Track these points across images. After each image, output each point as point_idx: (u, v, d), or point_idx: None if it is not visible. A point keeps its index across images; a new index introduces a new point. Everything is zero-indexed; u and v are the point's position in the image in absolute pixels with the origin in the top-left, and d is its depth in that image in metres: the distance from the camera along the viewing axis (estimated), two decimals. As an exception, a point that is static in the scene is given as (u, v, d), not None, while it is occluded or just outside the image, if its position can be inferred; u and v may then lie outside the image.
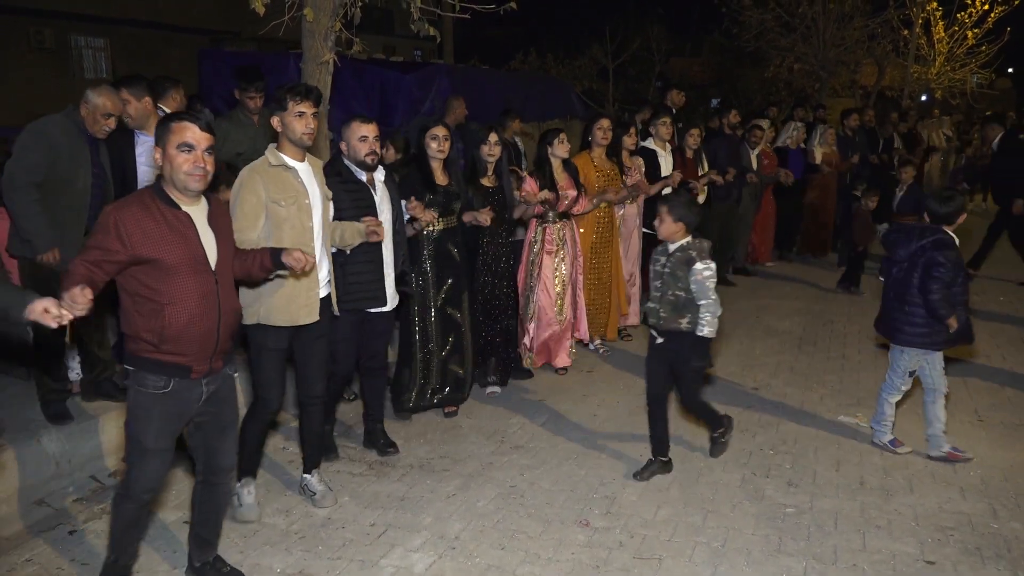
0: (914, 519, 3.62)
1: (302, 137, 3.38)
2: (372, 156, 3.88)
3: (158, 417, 2.74)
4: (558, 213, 5.37)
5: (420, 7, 5.24)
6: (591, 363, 5.78)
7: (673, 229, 3.89)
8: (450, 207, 4.59)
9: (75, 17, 16.77)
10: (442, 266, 4.58)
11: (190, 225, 2.74)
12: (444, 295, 4.62)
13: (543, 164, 5.39)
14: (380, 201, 3.99)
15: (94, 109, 3.96)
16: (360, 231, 3.74)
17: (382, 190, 4.03)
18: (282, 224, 3.36)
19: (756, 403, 5.04)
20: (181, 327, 2.69)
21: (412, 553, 3.34)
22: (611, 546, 3.39)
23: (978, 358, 5.91)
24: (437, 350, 4.66)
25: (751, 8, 15.43)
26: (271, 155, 3.42)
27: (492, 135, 4.94)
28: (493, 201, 4.91)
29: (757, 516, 3.65)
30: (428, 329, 4.62)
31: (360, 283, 3.93)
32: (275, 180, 3.37)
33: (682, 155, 6.82)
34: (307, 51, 5.10)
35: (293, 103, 3.35)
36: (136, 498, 2.81)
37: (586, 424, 4.71)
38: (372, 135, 3.86)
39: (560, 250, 5.42)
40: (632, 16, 20.99)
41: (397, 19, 25.27)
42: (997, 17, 16.08)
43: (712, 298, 3.83)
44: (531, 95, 12.57)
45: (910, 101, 16.82)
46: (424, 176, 4.48)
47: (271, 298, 3.39)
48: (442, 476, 4.04)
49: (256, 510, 3.62)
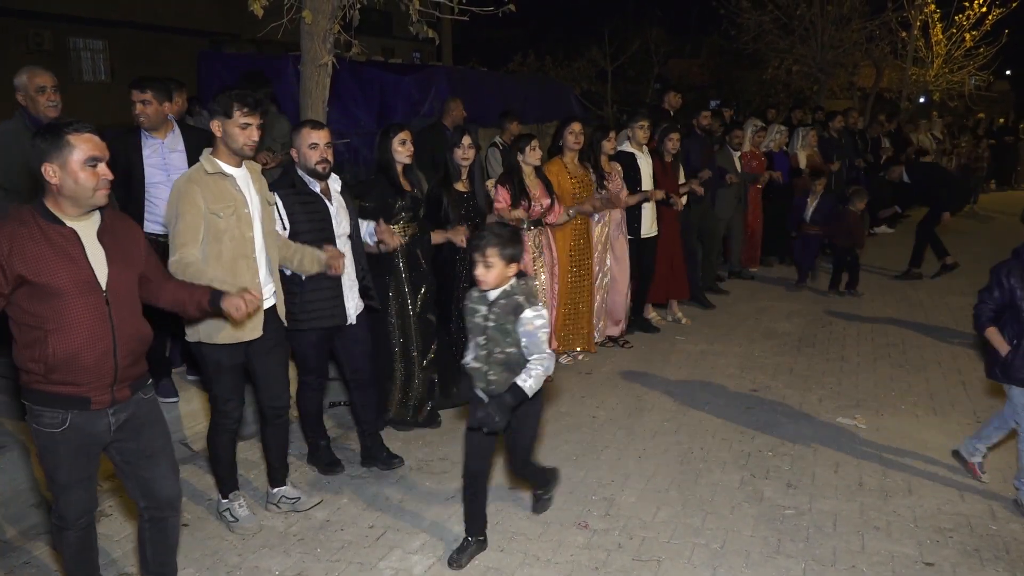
0: (913, 520, 3.62)
1: (243, 148, 3.25)
2: (323, 164, 3.72)
3: (64, 453, 2.55)
4: (532, 220, 5.25)
5: (419, 9, 5.24)
6: (590, 365, 5.78)
7: (506, 274, 3.08)
8: (416, 213, 4.48)
9: (74, 19, 16.77)
10: (414, 272, 4.48)
11: (76, 243, 2.48)
12: (421, 300, 4.53)
13: (513, 172, 5.25)
14: (336, 212, 3.83)
15: (26, 90, 4.03)
16: (319, 261, 3.61)
17: (338, 200, 3.88)
18: (221, 236, 3.19)
19: (755, 405, 5.04)
20: (68, 355, 2.45)
21: (411, 555, 3.34)
22: (610, 548, 3.39)
23: (976, 360, 5.92)
24: (419, 357, 4.55)
25: (749, 10, 15.43)
26: (207, 162, 3.24)
27: (466, 138, 4.78)
28: (467, 206, 4.80)
29: (756, 517, 3.65)
30: (409, 337, 4.50)
31: (318, 300, 3.78)
32: (213, 189, 3.20)
33: (661, 161, 6.61)
34: (306, 53, 5.10)
35: (239, 113, 3.21)
36: (72, 526, 2.67)
37: (585, 425, 4.71)
38: (323, 142, 3.71)
39: (538, 259, 5.32)
40: (631, 18, 21.02)
41: (396, 21, 25.26)
42: (995, 19, 16.09)
43: (547, 352, 3.09)
44: (530, 97, 12.59)
45: (908, 103, 16.84)
46: (391, 182, 4.35)
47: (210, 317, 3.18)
48: (441, 478, 4.04)
49: (253, 519, 3.58)
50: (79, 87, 16.82)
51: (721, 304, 7.51)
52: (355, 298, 3.98)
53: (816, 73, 15.70)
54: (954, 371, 5.67)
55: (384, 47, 23.08)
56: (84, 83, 17.62)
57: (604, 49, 19.56)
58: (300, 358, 3.91)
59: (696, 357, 5.99)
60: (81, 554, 2.76)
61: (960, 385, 5.37)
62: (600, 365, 5.79)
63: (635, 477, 4.04)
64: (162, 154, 4.38)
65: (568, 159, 5.66)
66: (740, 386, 5.37)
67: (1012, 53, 17.31)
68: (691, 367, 5.76)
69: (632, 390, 5.28)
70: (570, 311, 5.72)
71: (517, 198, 5.17)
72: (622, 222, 6.14)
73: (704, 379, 5.50)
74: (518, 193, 5.18)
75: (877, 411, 4.93)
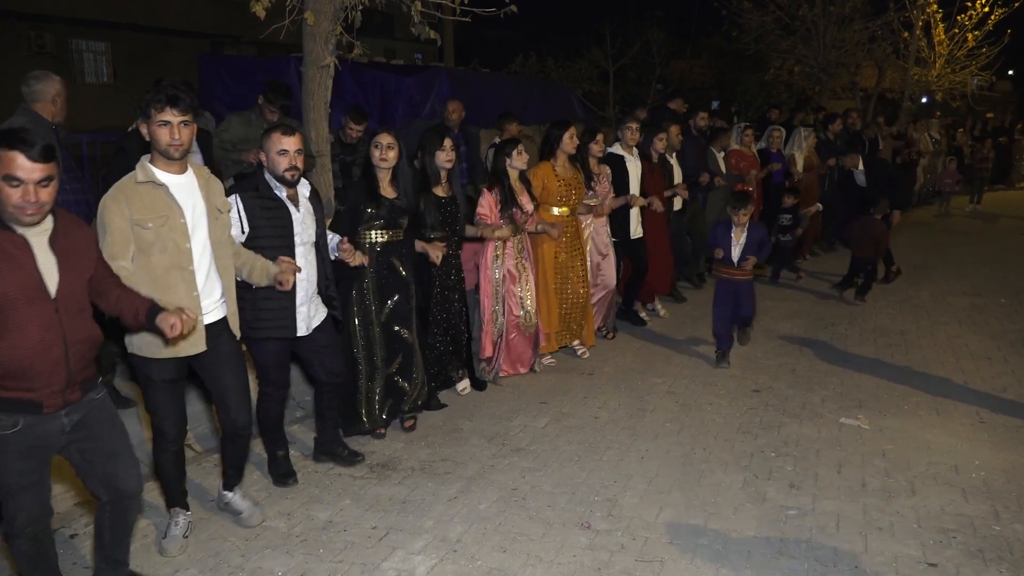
0: (916, 521, 3.62)
1: (168, 149, 2.99)
2: (292, 172, 3.57)
3: (15, 456, 2.52)
4: (516, 226, 5.20)
5: (421, 10, 5.25)
6: (592, 366, 5.78)
7: None
8: (396, 221, 4.31)
9: (75, 21, 16.83)
10: (385, 281, 4.32)
11: (25, 249, 2.45)
12: (389, 311, 4.36)
13: (501, 177, 5.12)
14: (301, 220, 3.67)
15: (56, 94, 4.06)
16: (269, 274, 3.42)
17: (305, 207, 3.71)
18: (149, 248, 3.02)
19: (757, 405, 5.04)
20: (19, 362, 2.44)
21: (414, 556, 3.34)
22: (613, 548, 3.39)
23: (980, 360, 5.91)
24: (383, 366, 4.41)
25: (751, 10, 15.44)
26: (140, 170, 3.04)
27: (447, 140, 4.62)
28: (445, 212, 4.70)
29: (759, 518, 3.64)
30: (373, 346, 4.36)
31: (269, 311, 3.64)
32: (141, 199, 3.00)
33: (648, 162, 6.56)
34: (308, 55, 5.11)
35: (156, 111, 2.96)
36: (23, 534, 2.63)
37: (588, 426, 4.71)
38: (293, 148, 3.54)
39: (519, 264, 5.30)
40: (632, 19, 21.03)
41: (397, 22, 25.33)
42: (997, 19, 16.09)
43: None
44: (531, 98, 12.59)
45: (910, 103, 16.83)
46: (369, 187, 4.23)
47: None
48: (443, 479, 4.04)
49: (178, 542, 3.37)
50: (81, 89, 16.87)
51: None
52: (312, 310, 3.81)
53: (818, 73, 15.71)
54: (957, 371, 5.67)
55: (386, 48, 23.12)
56: (86, 85, 17.67)
57: (605, 50, 19.57)
58: (259, 368, 3.79)
59: (698, 357, 5.98)
60: (34, 563, 2.71)
61: (963, 386, 5.36)
62: (602, 366, 5.79)
63: (637, 478, 4.04)
64: None
65: (560, 162, 5.56)
66: (742, 387, 5.36)
67: (1014, 53, 17.30)
68: (693, 368, 5.75)
69: (634, 391, 5.28)
70: (564, 309, 5.73)
71: (507, 205, 5.08)
72: (606, 227, 6.17)
73: (706, 380, 5.50)
74: (507, 200, 5.08)
75: (880, 411, 4.92)
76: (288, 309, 3.68)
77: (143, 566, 3.26)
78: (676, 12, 23.77)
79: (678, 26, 23.06)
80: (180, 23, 18.50)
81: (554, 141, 5.54)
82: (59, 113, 4.20)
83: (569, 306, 5.76)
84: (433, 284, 4.82)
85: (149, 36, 18.31)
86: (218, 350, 3.27)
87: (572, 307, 5.77)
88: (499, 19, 5.48)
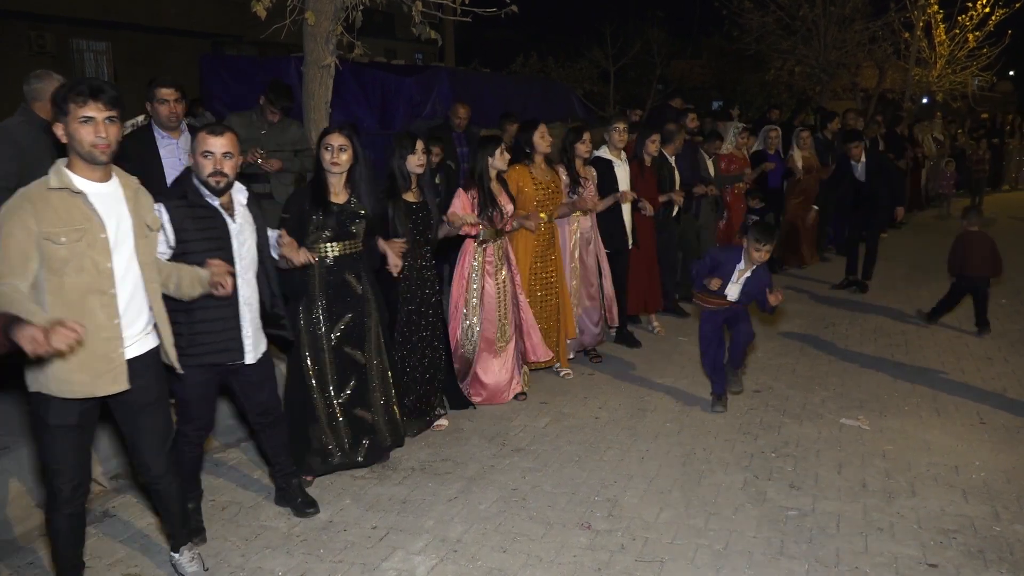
0: (916, 522, 3.61)
1: (92, 151, 2.58)
2: (217, 178, 3.10)
3: None
4: (496, 230, 4.86)
5: (421, 10, 5.26)
6: (592, 366, 5.77)
7: None
8: (348, 229, 3.83)
9: (76, 21, 16.82)
10: (337, 299, 3.86)
11: None
12: (341, 332, 3.90)
13: (481, 176, 4.79)
14: (239, 230, 3.22)
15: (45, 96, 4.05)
16: (202, 280, 2.97)
17: (243, 216, 3.26)
18: (62, 268, 2.56)
19: (758, 405, 5.03)
20: None
21: (414, 556, 3.34)
22: (613, 549, 3.39)
23: (980, 360, 5.91)
24: (334, 396, 3.93)
25: (752, 11, 15.44)
26: (54, 175, 2.60)
27: (419, 143, 4.31)
28: (416, 218, 4.36)
29: (759, 519, 3.64)
30: (324, 373, 3.89)
31: (209, 332, 3.16)
32: (54, 208, 2.55)
33: (639, 165, 6.09)
34: (308, 54, 5.12)
35: (76, 106, 2.55)
36: None
37: (588, 426, 4.71)
38: (220, 151, 3.09)
39: (500, 270, 4.94)
40: (632, 19, 21.03)
41: (398, 22, 25.31)
42: (998, 20, 16.10)
43: None
44: (532, 98, 12.60)
45: (911, 104, 16.83)
46: (317, 192, 3.79)
47: (51, 362, 2.57)
48: (444, 479, 4.04)
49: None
50: (82, 89, 16.86)
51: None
52: (258, 331, 3.36)
53: (819, 74, 15.71)
54: (957, 371, 5.67)
55: (386, 48, 23.12)
56: (87, 85, 17.64)
57: (606, 50, 19.59)
58: (180, 402, 3.25)
59: (698, 358, 5.97)
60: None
61: (963, 386, 5.36)
62: (602, 366, 5.78)
63: (638, 478, 4.04)
64: (177, 155, 4.49)
65: (536, 163, 5.22)
66: (743, 387, 5.35)
67: (1015, 53, 17.31)
68: (694, 368, 5.75)
69: (634, 391, 5.28)
70: (543, 323, 5.27)
71: (485, 206, 4.76)
72: (594, 230, 5.68)
73: (706, 380, 5.49)
74: (486, 201, 4.77)
75: (880, 412, 4.92)
76: (233, 330, 3.21)
77: (142, 566, 3.26)
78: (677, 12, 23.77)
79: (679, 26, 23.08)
80: (180, 23, 18.49)
81: (524, 144, 5.23)
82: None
83: (543, 321, 5.27)
84: (403, 300, 4.41)
85: (149, 36, 18.29)
86: (145, 388, 2.82)
87: (546, 323, 5.30)
88: (500, 19, 5.49)
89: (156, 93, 4.44)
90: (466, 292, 4.90)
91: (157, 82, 4.48)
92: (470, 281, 4.89)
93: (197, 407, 3.28)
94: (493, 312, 4.93)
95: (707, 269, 4.79)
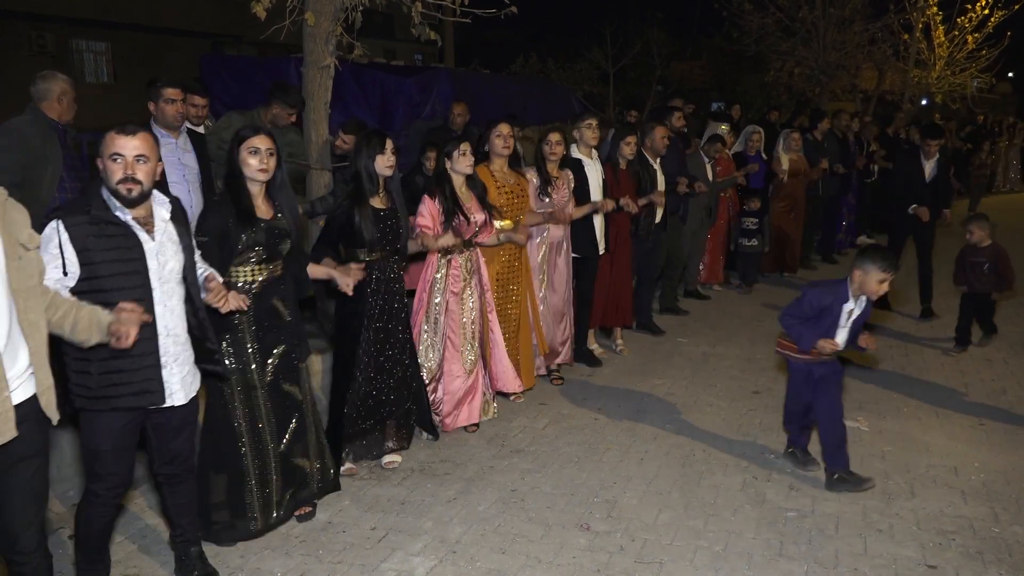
0: (915, 523, 3.62)
1: None
2: (129, 185, 2.63)
3: None
4: (465, 241, 4.48)
5: (421, 11, 5.26)
6: (592, 367, 5.77)
7: None
8: (276, 248, 3.34)
9: (76, 21, 16.84)
10: (267, 329, 3.37)
11: None
12: (273, 367, 3.41)
13: (443, 181, 4.40)
14: (158, 249, 2.74)
15: (61, 93, 4.07)
16: (100, 325, 2.49)
17: (165, 232, 2.78)
18: None
19: (757, 407, 5.03)
20: None
21: (413, 557, 3.34)
22: (612, 550, 3.39)
23: (980, 362, 5.92)
24: (274, 440, 3.44)
25: (751, 12, 15.45)
26: None
27: (388, 142, 3.94)
28: (385, 226, 3.94)
29: (758, 520, 3.64)
30: (257, 416, 3.38)
31: (122, 372, 2.68)
32: None
33: (614, 168, 5.66)
34: (308, 55, 5.11)
35: None
36: None
37: (587, 427, 4.70)
38: (132, 154, 2.63)
39: (467, 286, 4.53)
40: (632, 20, 21.04)
41: (398, 23, 25.32)
42: (997, 21, 16.09)
43: None
44: (531, 99, 12.61)
45: (911, 105, 16.82)
46: (240, 206, 3.23)
47: None
48: (443, 480, 4.04)
49: None
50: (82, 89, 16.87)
51: (722, 306, 7.51)
52: (185, 369, 2.89)
53: (818, 75, 15.71)
54: (957, 373, 5.67)
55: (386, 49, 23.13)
56: (87, 85, 17.67)
57: (606, 51, 19.59)
58: (89, 456, 2.79)
59: (698, 359, 5.98)
60: None
61: (963, 388, 5.36)
62: (602, 368, 5.78)
63: (637, 479, 4.04)
64: (177, 155, 4.53)
65: (496, 167, 4.81)
66: (742, 388, 5.36)
67: (1014, 55, 17.31)
68: (693, 369, 5.75)
69: (634, 392, 5.28)
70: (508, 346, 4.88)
71: (451, 213, 4.36)
72: (564, 240, 5.30)
73: (706, 381, 5.50)
74: (451, 207, 4.36)
75: (879, 413, 4.92)
76: (152, 368, 2.74)
77: (142, 566, 3.26)
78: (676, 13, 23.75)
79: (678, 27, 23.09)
80: (180, 23, 18.51)
81: (483, 142, 4.87)
82: (65, 112, 4.24)
83: (510, 341, 4.94)
84: (371, 316, 3.98)
85: (149, 36, 18.31)
86: (25, 439, 2.36)
87: (512, 342, 4.96)
88: (499, 20, 5.49)
89: (162, 93, 4.46)
90: (426, 307, 4.48)
91: (162, 82, 4.49)
92: (431, 295, 4.46)
93: (111, 459, 2.76)
94: (456, 332, 4.52)
95: (809, 316, 3.89)
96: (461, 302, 4.50)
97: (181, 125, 4.57)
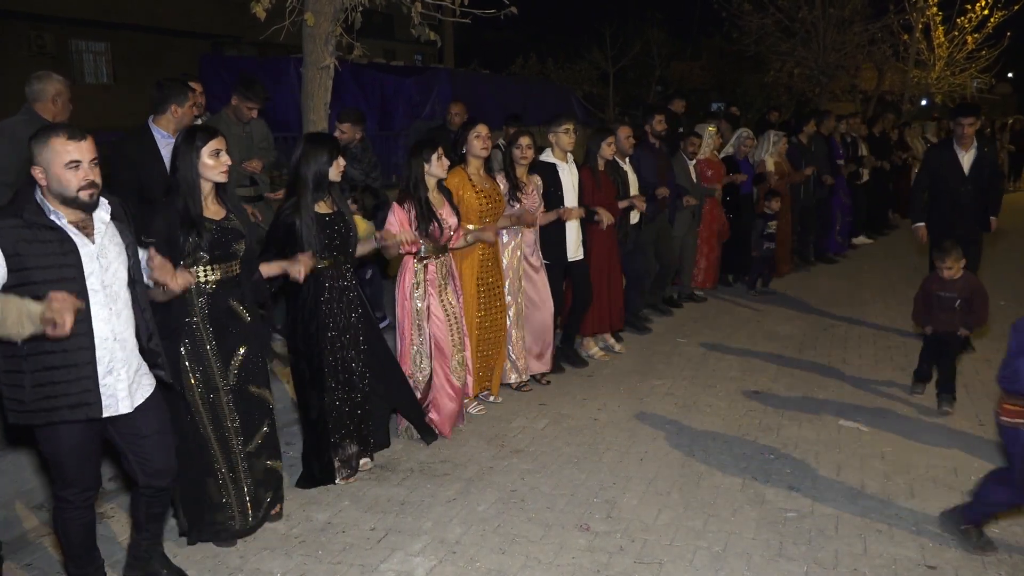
0: (915, 524, 3.62)
1: None
2: (91, 190, 2.60)
3: None
4: (438, 246, 4.39)
5: (421, 12, 5.26)
6: (591, 367, 5.77)
7: None
8: (229, 249, 3.24)
9: (76, 22, 16.84)
10: (224, 331, 3.28)
11: None
12: (237, 369, 3.32)
13: (416, 186, 4.27)
14: (97, 252, 2.66)
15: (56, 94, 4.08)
16: (31, 315, 2.38)
17: (106, 235, 2.71)
18: None
19: (757, 407, 5.04)
20: None
21: (412, 557, 3.34)
22: (612, 550, 3.39)
23: (979, 362, 5.92)
24: (241, 443, 3.37)
25: (751, 12, 15.47)
26: None
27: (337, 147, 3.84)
28: (331, 232, 3.77)
29: (758, 520, 3.64)
30: (222, 419, 3.30)
31: (56, 383, 2.58)
32: None
33: (592, 172, 5.57)
34: (308, 55, 5.11)
35: None
36: None
37: (587, 428, 4.71)
38: (87, 158, 2.59)
39: (443, 290, 4.45)
40: (632, 20, 21.08)
41: (398, 24, 25.32)
42: (997, 22, 16.12)
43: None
44: (531, 99, 12.63)
45: (910, 105, 16.84)
46: (187, 209, 3.15)
47: None
48: (442, 480, 4.04)
49: None
50: (81, 89, 16.88)
51: (722, 306, 7.51)
52: (132, 379, 2.78)
53: (818, 76, 15.73)
54: (956, 373, 5.66)
55: (386, 49, 23.15)
56: (86, 85, 17.67)
57: (605, 51, 19.63)
58: (53, 466, 2.78)
59: (697, 359, 5.98)
60: None
61: (962, 388, 5.35)
62: (601, 368, 5.78)
63: (636, 480, 4.04)
64: None
65: (473, 169, 4.74)
66: (742, 388, 5.36)
67: (1014, 55, 17.34)
68: (692, 369, 5.75)
69: (633, 393, 5.28)
70: (484, 348, 4.88)
71: (425, 220, 4.24)
72: (536, 244, 5.24)
73: (706, 382, 5.50)
74: (425, 213, 4.24)
75: (879, 414, 4.92)
76: (88, 379, 2.63)
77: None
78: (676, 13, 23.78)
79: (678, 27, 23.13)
80: (180, 23, 18.51)
81: (460, 144, 4.78)
82: (60, 113, 4.23)
83: (488, 342, 4.90)
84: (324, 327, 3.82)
85: (149, 36, 18.32)
86: None
87: (491, 344, 4.92)
88: (499, 20, 5.49)
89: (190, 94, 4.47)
90: (410, 315, 4.38)
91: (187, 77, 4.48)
92: (412, 302, 4.37)
93: (74, 468, 2.74)
94: (444, 334, 4.43)
95: None
96: (442, 305, 4.43)
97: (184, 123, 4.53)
